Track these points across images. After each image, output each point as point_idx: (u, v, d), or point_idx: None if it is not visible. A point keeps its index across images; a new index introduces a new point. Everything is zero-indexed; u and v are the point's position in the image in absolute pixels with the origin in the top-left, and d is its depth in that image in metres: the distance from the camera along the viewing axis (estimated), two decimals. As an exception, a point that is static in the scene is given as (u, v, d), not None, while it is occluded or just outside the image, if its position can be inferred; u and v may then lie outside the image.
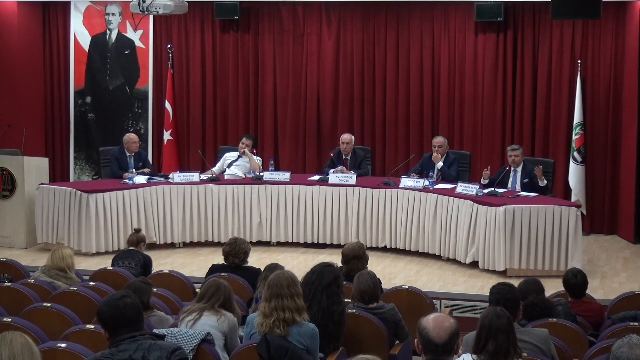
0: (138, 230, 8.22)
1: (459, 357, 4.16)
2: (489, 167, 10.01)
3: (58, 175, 12.65)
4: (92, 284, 6.78)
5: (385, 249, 10.00)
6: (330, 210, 10.12)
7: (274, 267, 6.13)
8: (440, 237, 9.58)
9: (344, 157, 10.73)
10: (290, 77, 12.12)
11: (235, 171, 10.61)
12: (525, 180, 9.74)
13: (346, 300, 6.12)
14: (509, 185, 9.77)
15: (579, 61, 11.10)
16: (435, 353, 3.49)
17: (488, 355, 4.19)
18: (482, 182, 9.68)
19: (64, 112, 12.80)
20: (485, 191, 9.43)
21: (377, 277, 6.01)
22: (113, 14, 12.51)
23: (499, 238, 8.89)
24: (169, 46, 12.36)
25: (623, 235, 10.95)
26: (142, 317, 3.95)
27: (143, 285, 5.72)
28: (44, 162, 10.81)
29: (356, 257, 6.88)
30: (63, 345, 4.81)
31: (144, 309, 5.04)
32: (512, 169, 9.85)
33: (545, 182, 9.60)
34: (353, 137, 10.84)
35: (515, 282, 5.85)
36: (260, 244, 10.19)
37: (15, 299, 6.35)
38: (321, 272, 5.52)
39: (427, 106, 11.72)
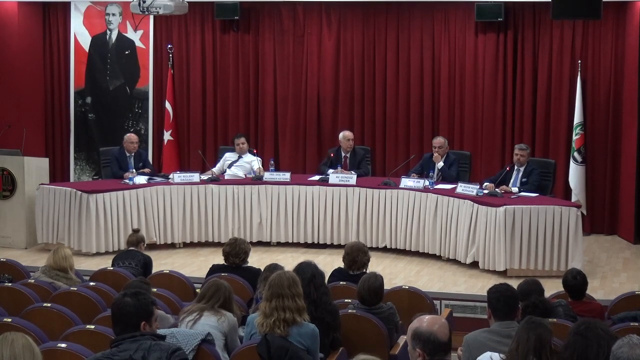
0: (137, 231, 8.22)
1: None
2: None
3: (58, 175, 12.64)
4: (92, 284, 6.78)
5: (385, 249, 10.00)
6: (330, 210, 10.12)
7: (273, 267, 6.13)
8: (440, 237, 9.58)
9: (343, 155, 10.73)
10: (290, 77, 12.12)
11: (235, 171, 10.61)
12: (524, 180, 9.75)
13: (346, 300, 6.14)
14: (510, 184, 9.77)
15: (579, 61, 11.11)
16: (445, 352, 3.54)
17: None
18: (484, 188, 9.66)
19: (64, 112, 12.80)
20: (485, 191, 9.43)
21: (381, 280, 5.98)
22: (113, 14, 12.51)
23: (499, 238, 8.89)
24: (169, 46, 12.36)
25: (623, 235, 10.95)
26: (143, 317, 3.92)
27: (141, 285, 5.72)
28: (44, 162, 10.81)
29: (358, 249, 6.92)
30: (63, 345, 4.81)
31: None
32: (515, 167, 9.86)
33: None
34: (352, 134, 10.86)
35: (515, 282, 5.85)
36: (260, 244, 10.19)
37: (15, 299, 6.35)
38: (299, 268, 5.61)
39: (427, 106, 11.72)
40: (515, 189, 9.60)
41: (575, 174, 10.94)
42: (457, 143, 11.50)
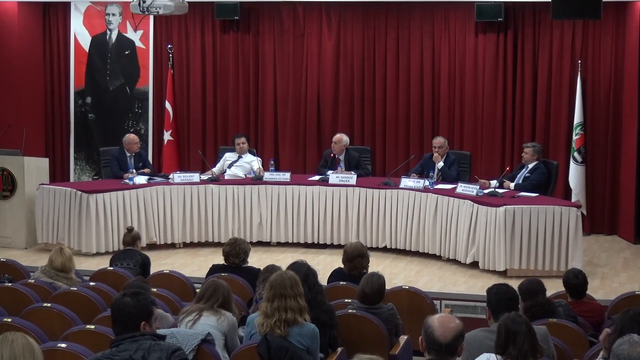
0: (131, 229, 8.06)
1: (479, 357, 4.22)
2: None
3: (58, 175, 12.65)
4: (92, 284, 6.78)
5: (385, 249, 10.00)
6: (330, 210, 10.12)
7: (271, 269, 6.12)
8: (440, 237, 9.58)
9: (337, 157, 10.72)
10: (290, 77, 12.12)
11: (235, 171, 10.61)
12: (527, 175, 9.79)
13: (346, 300, 6.13)
14: (514, 181, 9.90)
15: (579, 61, 11.11)
16: (439, 353, 3.51)
17: (511, 357, 4.22)
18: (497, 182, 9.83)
19: (64, 112, 12.80)
20: (486, 191, 9.45)
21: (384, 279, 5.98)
22: (113, 14, 12.51)
23: (499, 238, 8.89)
24: (169, 46, 12.36)
25: (623, 235, 10.95)
26: (143, 317, 3.92)
27: (141, 285, 5.72)
28: (44, 162, 10.81)
29: (360, 254, 6.91)
30: (63, 345, 4.81)
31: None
32: (525, 165, 9.95)
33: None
34: (344, 137, 10.81)
35: (515, 282, 5.85)
36: (260, 244, 10.19)
37: (15, 299, 6.35)
38: (292, 268, 5.60)
39: (427, 106, 11.72)
40: (511, 185, 9.71)
41: (575, 174, 10.94)
42: (457, 143, 11.50)
